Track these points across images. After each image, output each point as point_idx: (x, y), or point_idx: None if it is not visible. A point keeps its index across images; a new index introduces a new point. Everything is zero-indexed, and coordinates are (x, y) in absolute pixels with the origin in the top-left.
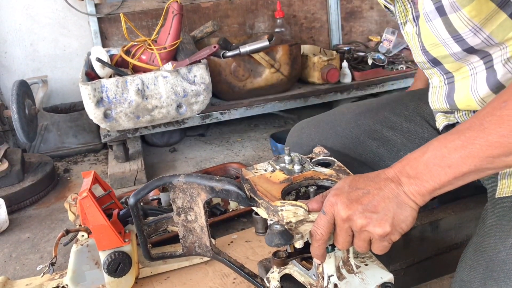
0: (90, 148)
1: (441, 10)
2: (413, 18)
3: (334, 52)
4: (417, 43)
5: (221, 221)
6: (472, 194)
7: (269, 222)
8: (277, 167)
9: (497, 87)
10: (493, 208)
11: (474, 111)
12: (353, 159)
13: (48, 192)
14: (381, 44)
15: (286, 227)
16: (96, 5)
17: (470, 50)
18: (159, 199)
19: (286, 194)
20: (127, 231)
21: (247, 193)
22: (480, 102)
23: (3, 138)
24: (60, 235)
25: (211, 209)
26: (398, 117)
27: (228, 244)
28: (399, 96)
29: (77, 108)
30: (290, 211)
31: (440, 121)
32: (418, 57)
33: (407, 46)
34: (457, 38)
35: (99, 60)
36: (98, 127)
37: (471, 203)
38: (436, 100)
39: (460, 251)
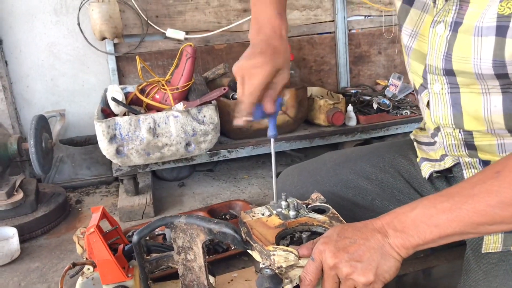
0: (102, 180)
1: (501, 31)
2: (451, 22)
3: (341, 96)
4: (441, 47)
5: (223, 258)
6: (463, 242)
7: (261, 265)
8: (274, 211)
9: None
10: (478, 262)
11: (467, 150)
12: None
13: (59, 223)
14: (387, 88)
15: (276, 271)
16: (115, 45)
17: (501, 76)
18: (164, 234)
19: (280, 238)
20: (131, 266)
21: (243, 236)
22: (489, 122)
23: (20, 168)
24: (67, 267)
25: (213, 246)
26: (374, 168)
27: (228, 282)
28: (377, 147)
29: (92, 141)
30: (281, 256)
31: (426, 170)
32: (434, 60)
33: (412, 91)
34: (498, 63)
35: (114, 99)
36: (110, 160)
37: (464, 251)
38: (441, 111)
39: None
